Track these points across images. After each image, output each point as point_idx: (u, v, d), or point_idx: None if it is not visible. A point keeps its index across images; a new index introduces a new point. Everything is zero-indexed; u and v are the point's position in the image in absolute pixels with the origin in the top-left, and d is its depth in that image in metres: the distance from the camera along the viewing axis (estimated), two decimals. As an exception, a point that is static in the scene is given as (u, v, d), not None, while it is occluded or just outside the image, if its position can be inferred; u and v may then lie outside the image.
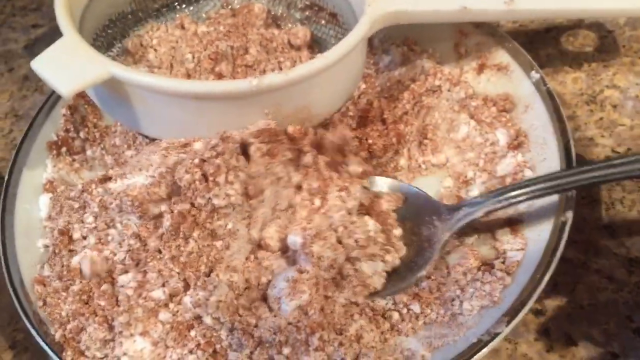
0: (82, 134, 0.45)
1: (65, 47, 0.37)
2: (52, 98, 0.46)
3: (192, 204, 0.34)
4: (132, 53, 0.44)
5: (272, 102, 0.36)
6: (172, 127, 0.38)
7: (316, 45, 0.46)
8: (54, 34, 0.56)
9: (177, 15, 0.47)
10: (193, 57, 0.42)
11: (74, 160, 0.44)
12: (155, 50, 0.43)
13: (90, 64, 0.36)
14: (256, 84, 0.34)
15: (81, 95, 0.46)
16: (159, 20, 0.47)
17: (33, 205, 0.42)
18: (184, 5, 0.48)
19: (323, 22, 0.46)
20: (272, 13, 0.46)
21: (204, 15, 0.47)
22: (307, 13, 0.46)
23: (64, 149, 0.44)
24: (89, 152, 0.45)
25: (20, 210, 0.41)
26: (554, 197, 0.38)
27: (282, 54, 0.42)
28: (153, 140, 0.43)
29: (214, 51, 0.41)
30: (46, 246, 0.40)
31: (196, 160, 0.34)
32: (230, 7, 0.47)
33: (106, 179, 0.37)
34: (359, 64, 0.42)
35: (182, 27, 0.45)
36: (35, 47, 0.56)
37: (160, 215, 0.34)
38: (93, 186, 0.37)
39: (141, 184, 0.34)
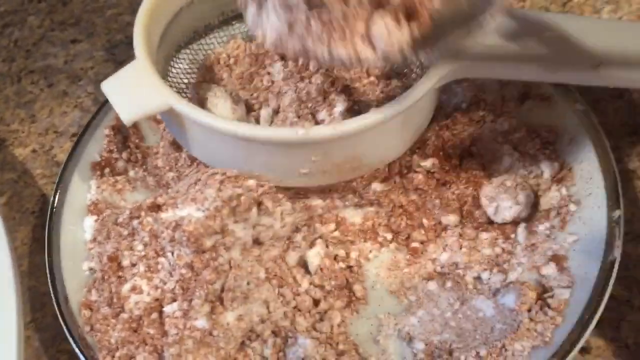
0: (124, 155, 0.46)
1: (133, 72, 0.38)
2: (97, 118, 0.46)
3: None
4: (209, 70, 0.45)
5: (320, 151, 0.36)
6: (224, 160, 0.38)
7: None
8: (93, 49, 0.57)
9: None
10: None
11: (116, 181, 0.45)
12: (231, 69, 0.44)
13: (154, 93, 0.37)
14: (302, 134, 0.35)
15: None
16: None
17: (78, 227, 0.42)
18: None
19: None
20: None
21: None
22: None
23: (107, 170, 0.45)
24: (131, 173, 0.45)
25: (66, 231, 0.41)
26: (601, 234, 0.37)
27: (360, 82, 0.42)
28: (193, 161, 0.44)
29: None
30: (91, 269, 0.40)
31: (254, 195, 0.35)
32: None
33: (155, 206, 0.37)
34: (423, 115, 0.40)
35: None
36: (74, 62, 0.57)
37: (213, 248, 0.34)
38: (142, 213, 0.37)
39: (196, 218, 0.34)
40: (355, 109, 0.41)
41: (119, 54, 0.57)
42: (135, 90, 0.37)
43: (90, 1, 0.61)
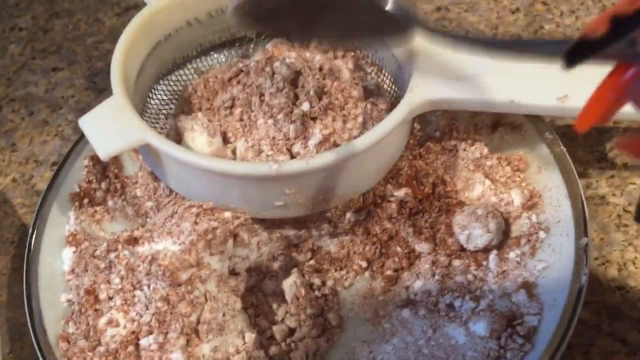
0: (103, 185, 0.46)
1: (110, 108, 0.39)
2: (76, 148, 0.47)
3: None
4: (186, 102, 0.46)
5: (294, 184, 0.37)
6: (200, 193, 0.39)
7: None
8: (74, 77, 0.58)
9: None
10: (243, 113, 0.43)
11: (95, 211, 0.45)
12: (208, 101, 0.45)
13: (130, 129, 0.37)
14: (275, 169, 0.36)
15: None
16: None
17: (56, 258, 0.42)
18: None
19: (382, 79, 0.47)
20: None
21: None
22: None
23: (86, 200, 0.45)
24: (110, 203, 0.46)
25: (44, 263, 0.42)
26: (569, 261, 0.38)
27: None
28: (172, 191, 0.44)
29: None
30: (69, 301, 0.41)
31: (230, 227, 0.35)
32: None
33: (132, 239, 0.37)
34: (395, 146, 0.41)
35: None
36: (55, 90, 0.57)
37: (188, 281, 0.35)
38: (119, 247, 0.37)
39: (172, 252, 0.35)
40: (332, 139, 0.42)
41: (100, 82, 0.58)
42: (112, 126, 0.38)
43: (71, 29, 0.62)
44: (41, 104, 0.56)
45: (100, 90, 0.57)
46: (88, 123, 0.38)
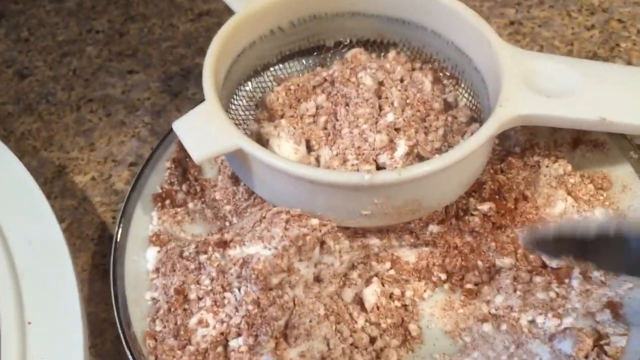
0: (184, 187, 0.47)
1: (204, 113, 0.39)
2: (158, 151, 0.48)
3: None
4: (268, 108, 0.46)
5: (383, 194, 0.38)
6: (287, 199, 0.39)
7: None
8: (149, 80, 0.59)
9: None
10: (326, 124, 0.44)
11: (176, 212, 0.46)
12: (292, 107, 0.46)
13: (223, 134, 0.38)
14: (368, 179, 0.36)
15: (184, 149, 0.48)
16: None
17: (140, 257, 0.43)
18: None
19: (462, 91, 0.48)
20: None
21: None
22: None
23: (167, 202, 0.46)
24: (190, 205, 0.47)
25: (129, 261, 0.43)
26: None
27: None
28: (250, 195, 0.45)
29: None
30: (153, 299, 0.41)
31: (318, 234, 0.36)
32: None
33: (222, 242, 0.38)
34: (480, 160, 0.41)
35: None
36: (131, 92, 0.59)
37: (279, 286, 0.36)
38: (210, 249, 0.38)
39: (265, 256, 0.35)
40: (415, 151, 0.42)
41: (174, 86, 0.59)
42: (205, 131, 0.39)
43: (147, 33, 0.63)
44: (118, 105, 0.58)
45: (175, 93, 0.58)
46: (182, 127, 0.39)
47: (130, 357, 0.38)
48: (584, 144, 0.46)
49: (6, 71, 0.61)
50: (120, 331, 0.40)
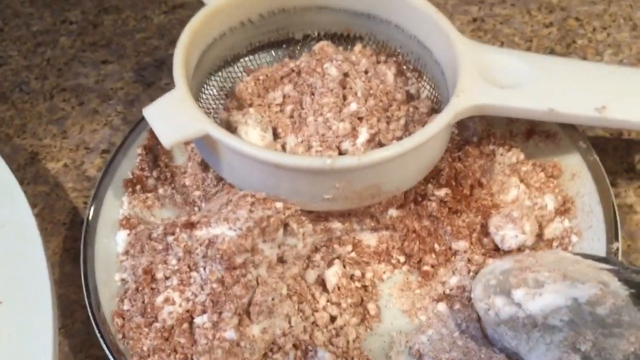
0: (154, 173, 0.49)
1: (173, 100, 0.41)
2: (130, 138, 0.49)
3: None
4: (237, 97, 0.48)
5: (344, 179, 0.40)
6: (253, 183, 0.41)
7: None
8: (122, 70, 0.60)
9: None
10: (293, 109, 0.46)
11: (147, 197, 0.48)
12: (260, 97, 0.48)
13: (192, 120, 0.40)
14: (329, 163, 0.38)
15: (155, 136, 0.50)
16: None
17: (111, 240, 0.45)
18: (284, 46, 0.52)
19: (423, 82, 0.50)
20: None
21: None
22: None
23: (138, 187, 0.48)
24: (160, 191, 0.48)
25: (100, 244, 0.44)
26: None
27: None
28: (219, 181, 0.47)
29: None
30: (123, 280, 0.43)
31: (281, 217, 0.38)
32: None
33: (189, 224, 0.40)
34: (438, 148, 0.44)
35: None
36: (105, 82, 0.60)
37: (243, 265, 0.37)
38: (177, 230, 0.40)
39: (229, 237, 0.37)
40: (376, 139, 0.44)
41: (148, 76, 0.60)
42: (175, 117, 0.40)
43: (120, 25, 0.64)
44: (91, 94, 0.59)
45: (148, 83, 0.59)
46: (152, 113, 0.41)
47: (99, 335, 0.40)
48: (537, 134, 0.48)
49: (-20, 60, 0.62)
50: (89, 311, 0.41)
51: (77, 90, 0.59)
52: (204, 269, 0.38)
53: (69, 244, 0.49)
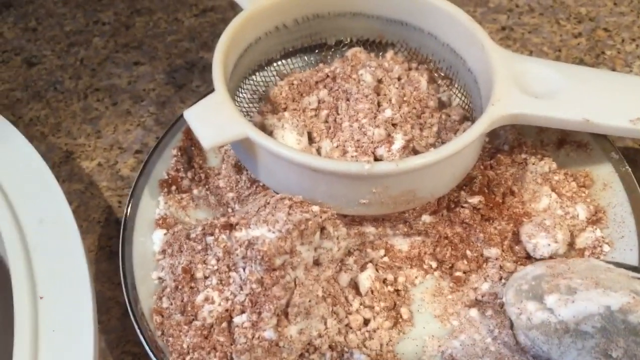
0: (189, 174, 0.49)
1: (213, 103, 0.42)
2: (165, 139, 0.50)
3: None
4: (272, 101, 0.49)
5: (381, 184, 0.41)
6: (289, 186, 0.42)
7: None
8: (154, 72, 0.61)
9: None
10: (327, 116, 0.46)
11: (182, 198, 0.48)
12: (294, 101, 0.48)
13: (232, 123, 0.41)
14: (368, 169, 0.39)
15: (190, 138, 0.51)
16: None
17: (147, 239, 0.46)
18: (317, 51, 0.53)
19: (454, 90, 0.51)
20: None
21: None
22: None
23: (173, 187, 0.48)
24: (195, 192, 0.49)
25: (137, 242, 0.45)
26: (632, 274, 0.41)
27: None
28: (252, 184, 0.48)
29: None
30: (160, 279, 0.44)
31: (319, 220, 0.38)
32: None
33: (229, 225, 0.40)
34: (472, 156, 0.44)
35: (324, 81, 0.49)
36: (137, 83, 0.61)
37: (282, 267, 0.38)
38: (217, 231, 0.40)
39: (269, 239, 0.38)
40: (410, 146, 0.44)
41: (179, 78, 0.61)
42: (215, 120, 0.41)
43: (152, 27, 0.65)
44: (124, 95, 0.60)
45: (179, 85, 0.60)
46: (193, 115, 0.42)
47: (138, 332, 0.40)
48: (568, 144, 0.49)
49: (15, 59, 0.63)
50: (128, 307, 0.42)
51: (111, 91, 0.60)
52: (244, 269, 0.39)
53: (103, 242, 0.50)
